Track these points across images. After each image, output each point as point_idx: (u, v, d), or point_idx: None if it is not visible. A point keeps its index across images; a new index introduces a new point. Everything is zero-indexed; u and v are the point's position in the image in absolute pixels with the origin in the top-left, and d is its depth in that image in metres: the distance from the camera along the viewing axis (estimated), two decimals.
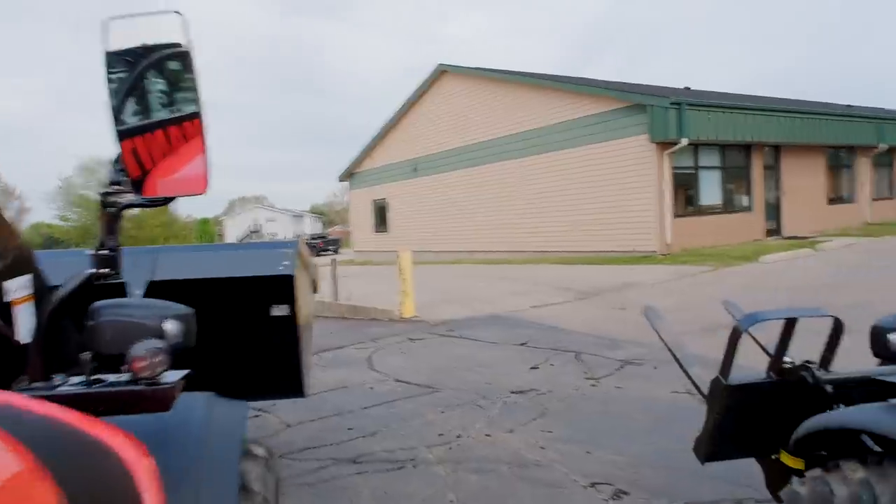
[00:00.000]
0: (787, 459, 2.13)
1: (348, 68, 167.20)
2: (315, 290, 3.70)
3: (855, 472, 1.45)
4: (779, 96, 20.50)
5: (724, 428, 2.19)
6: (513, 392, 4.97)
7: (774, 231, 17.25)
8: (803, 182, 18.11)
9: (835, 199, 19.40)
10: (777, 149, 17.38)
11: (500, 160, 19.28)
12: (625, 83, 19.42)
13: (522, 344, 6.76)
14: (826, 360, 2.15)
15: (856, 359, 2.15)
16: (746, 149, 16.66)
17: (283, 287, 2.83)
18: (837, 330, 2.14)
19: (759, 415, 2.15)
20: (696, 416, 3.99)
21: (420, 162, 22.93)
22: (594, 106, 15.97)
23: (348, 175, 27.73)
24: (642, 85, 19.49)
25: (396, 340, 7.45)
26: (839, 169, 19.71)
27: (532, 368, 5.71)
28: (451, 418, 4.40)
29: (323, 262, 12.58)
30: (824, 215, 18.43)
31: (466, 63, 21.80)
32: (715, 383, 2.15)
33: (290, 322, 2.91)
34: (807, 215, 17.79)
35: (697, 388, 2.65)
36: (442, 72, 21.44)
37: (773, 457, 2.22)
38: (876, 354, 1.56)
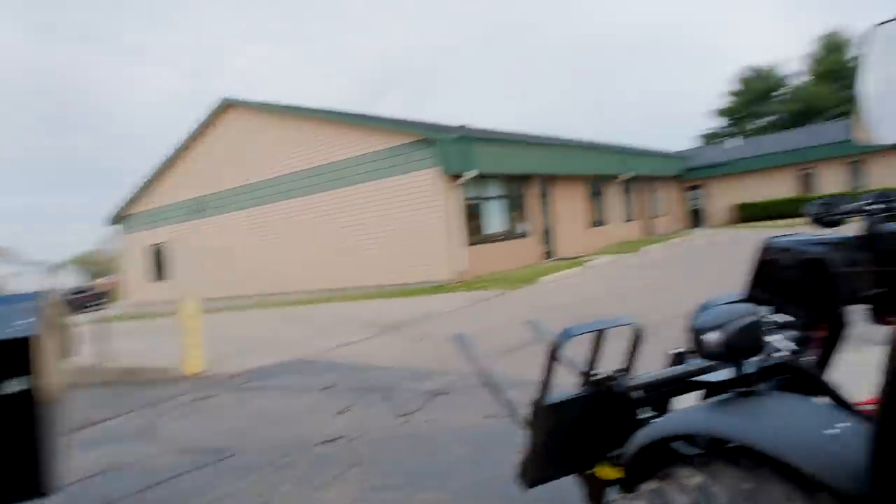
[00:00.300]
0: (606, 471, 2.12)
1: (123, 102, 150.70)
2: (69, 354, 2.98)
3: (690, 478, 1.40)
4: (541, 133, 23.10)
5: (547, 449, 2.13)
6: (321, 443, 4.55)
7: (549, 254, 19.09)
8: (570, 208, 20.43)
9: (594, 223, 22.19)
10: (548, 179, 19.38)
11: (290, 197, 18.65)
12: (413, 121, 20.23)
13: (328, 388, 6.35)
14: (629, 366, 2.20)
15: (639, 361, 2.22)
16: (524, 180, 18.29)
17: (16, 354, 2.17)
18: (638, 336, 2.22)
19: (579, 430, 2.13)
20: (511, 440, 3.99)
21: (204, 201, 21.24)
22: (386, 140, 16.28)
23: (120, 218, 24.66)
24: (428, 123, 20.47)
25: (181, 402, 6.52)
26: (596, 196, 22.65)
27: (340, 413, 5.34)
28: (252, 485, 3.85)
29: (87, 318, 10.79)
30: (587, 237, 20.95)
31: (253, 97, 20.91)
32: (536, 405, 2.07)
33: (28, 399, 2.25)
34: (574, 238, 20.05)
35: (515, 412, 2.58)
36: (227, 106, 20.26)
37: (590, 471, 2.21)
38: (702, 355, 1.57)
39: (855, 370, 2.04)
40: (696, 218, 29.45)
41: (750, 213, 26.76)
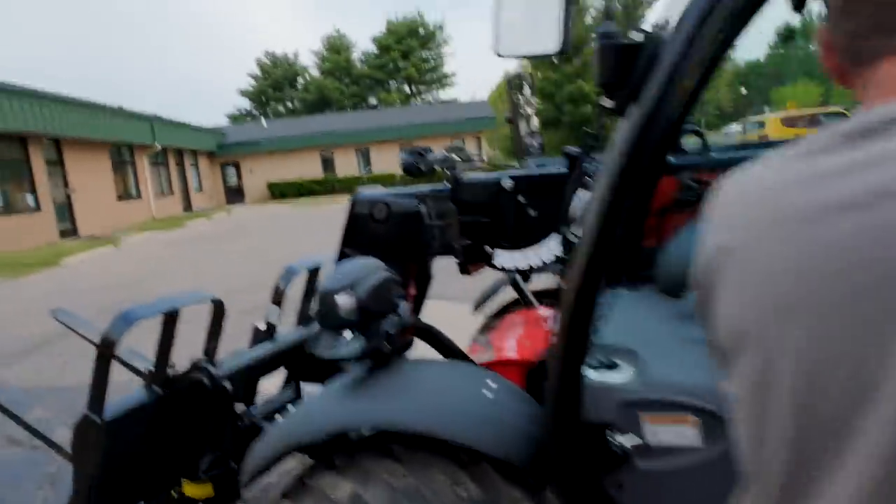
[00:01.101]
0: (192, 489, 1.70)
1: None
2: None
3: (336, 489, 1.12)
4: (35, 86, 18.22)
5: (106, 480, 1.57)
6: None
7: (70, 231, 16.10)
8: (92, 180, 17.60)
9: (123, 196, 19.77)
10: (59, 143, 16.14)
11: None
12: None
13: None
14: (214, 352, 1.81)
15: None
16: (22, 141, 14.72)
17: None
18: (219, 314, 1.84)
19: (153, 445, 1.64)
20: (37, 475, 3.01)
21: None
22: None
23: None
24: None
25: None
26: (124, 167, 20.16)
27: None
28: None
29: None
30: (117, 212, 18.50)
31: None
32: (86, 424, 1.49)
33: None
34: (100, 213, 17.41)
35: (47, 440, 1.86)
36: None
37: (172, 492, 1.75)
38: (321, 323, 1.28)
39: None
40: (233, 194, 29.50)
41: (283, 191, 28.39)
